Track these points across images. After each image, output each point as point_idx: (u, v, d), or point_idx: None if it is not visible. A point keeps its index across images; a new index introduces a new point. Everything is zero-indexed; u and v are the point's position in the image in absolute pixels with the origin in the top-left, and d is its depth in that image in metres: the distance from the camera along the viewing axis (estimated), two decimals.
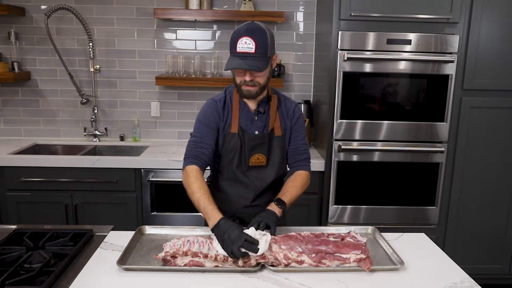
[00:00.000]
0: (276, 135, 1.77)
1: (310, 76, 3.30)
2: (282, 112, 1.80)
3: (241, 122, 1.74)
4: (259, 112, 1.75)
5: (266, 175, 1.78)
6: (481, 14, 2.65)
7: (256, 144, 1.74)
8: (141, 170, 2.76)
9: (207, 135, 1.71)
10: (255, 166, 1.76)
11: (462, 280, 1.39)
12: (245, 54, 1.58)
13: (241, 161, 1.75)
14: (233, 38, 1.61)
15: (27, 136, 3.27)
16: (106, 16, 3.14)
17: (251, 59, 1.58)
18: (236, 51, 1.59)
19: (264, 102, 1.76)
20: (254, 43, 1.57)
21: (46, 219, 2.71)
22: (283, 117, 1.80)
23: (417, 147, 2.76)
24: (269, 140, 1.76)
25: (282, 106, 1.80)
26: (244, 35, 1.58)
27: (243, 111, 1.75)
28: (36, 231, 1.63)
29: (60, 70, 3.15)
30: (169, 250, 1.40)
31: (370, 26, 2.64)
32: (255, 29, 1.59)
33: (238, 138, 1.72)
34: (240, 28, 1.61)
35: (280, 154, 1.78)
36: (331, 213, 2.82)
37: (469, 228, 2.94)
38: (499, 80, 2.75)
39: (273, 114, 1.76)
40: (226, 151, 1.74)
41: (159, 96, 3.28)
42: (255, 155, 1.74)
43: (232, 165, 1.75)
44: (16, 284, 1.26)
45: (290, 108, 1.81)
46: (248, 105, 1.76)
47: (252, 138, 1.73)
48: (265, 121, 1.76)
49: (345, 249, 1.43)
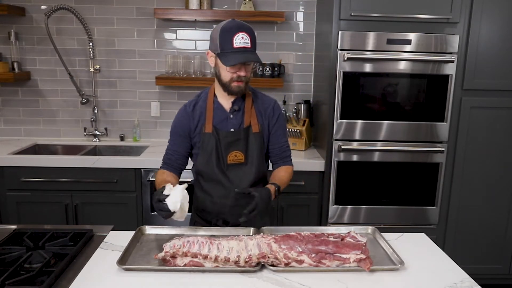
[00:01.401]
0: (253, 131, 1.77)
1: (310, 76, 3.30)
2: (259, 109, 1.80)
3: (215, 122, 1.76)
4: (234, 110, 1.76)
5: (246, 173, 1.78)
6: (481, 14, 2.65)
7: (231, 141, 1.75)
8: (141, 170, 2.76)
9: (175, 143, 1.83)
10: (234, 164, 1.76)
11: (462, 280, 1.39)
12: (243, 49, 1.61)
13: (219, 160, 1.76)
14: (225, 34, 1.61)
15: (27, 136, 3.28)
16: (106, 16, 3.14)
17: (250, 53, 1.62)
18: (234, 47, 1.60)
19: (239, 99, 1.77)
20: (249, 38, 1.62)
21: (46, 219, 2.71)
22: (260, 114, 1.80)
23: (417, 147, 2.76)
24: (245, 136, 1.76)
25: (258, 103, 1.81)
26: (238, 31, 1.61)
27: (217, 111, 1.77)
28: (36, 231, 1.63)
29: (60, 70, 3.15)
30: (169, 250, 1.40)
31: (370, 26, 2.64)
32: (244, 25, 1.64)
33: (212, 137, 1.74)
34: (230, 25, 1.62)
35: (259, 151, 1.78)
36: (331, 213, 2.82)
37: (469, 228, 2.94)
38: (499, 80, 2.75)
39: (249, 111, 1.77)
40: (204, 151, 1.77)
41: (159, 96, 3.28)
42: (232, 153, 1.75)
43: (211, 164, 1.76)
44: (16, 284, 1.26)
45: (268, 106, 1.82)
46: (222, 104, 1.78)
47: (227, 135, 1.75)
48: (240, 118, 1.77)
49: (345, 249, 1.43)
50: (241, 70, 1.65)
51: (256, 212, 1.60)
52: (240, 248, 1.41)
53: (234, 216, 1.78)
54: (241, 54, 1.61)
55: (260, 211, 1.61)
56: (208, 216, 1.85)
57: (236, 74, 1.65)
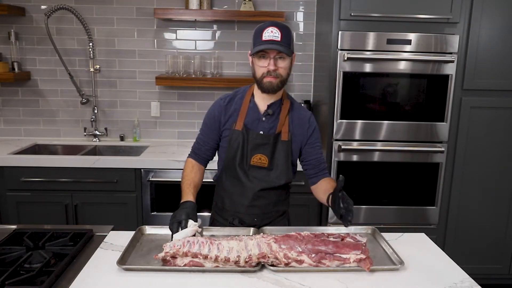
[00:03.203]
0: (282, 139, 1.76)
1: (310, 76, 3.30)
2: (294, 118, 1.79)
3: (247, 121, 1.76)
4: (268, 114, 1.75)
5: (267, 178, 1.77)
6: (481, 14, 2.65)
7: (258, 144, 1.74)
8: (141, 170, 2.76)
9: (206, 133, 1.83)
10: (256, 166, 1.76)
11: (462, 280, 1.39)
12: (271, 41, 1.62)
13: (243, 159, 1.76)
14: (257, 31, 1.66)
15: (27, 136, 3.27)
16: (106, 16, 3.14)
17: (278, 44, 1.62)
18: (262, 39, 1.63)
19: (275, 104, 1.77)
20: (279, 32, 1.63)
21: (46, 219, 2.71)
22: (294, 124, 1.79)
23: (417, 147, 2.76)
24: (274, 142, 1.75)
25: (294, 112, 1.80)
26: (269, 26, 1.64)
27: (251, 111, 1.77)
28: (36, 231, 1.63)
29: (60, 70, 3.15)
30: (169, 250, 1.40)
31: (370, 26, 2.64)
32: (278, 23, 1.67)
33: (241, 135, 1.74)
34: (264, 23, 1.67)
35: (284, 159, 1.77)
36: (331, 213, 2.82)
37: (469, 228, 2.94)
38: (499, 80, 2.75)
39: (283, 118, 1.76)
40: (230, 147, 1.77)
41: (159, 96, 3.28)
42: (256, 155, 1.75)
43: (234, 161, 1.76)
44: (16, 284, 1.26)
45: (305, 117, 1.81)
46: (258, 105, 1.77)
47: (255, 137, 1.74)
48: (273, 123, 1.76)
49: (345, 249, 1.43)
50: (271, 64, 1.64)
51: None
52: (240, 248, 1.41)
53: (250, 216, 1.79)
54: (266, 44, 1.62)
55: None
56: (225, 214, 1.85)
57: (266, 68, 1.65)
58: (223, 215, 1.87)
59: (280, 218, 1.89)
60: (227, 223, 1.83)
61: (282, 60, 1.66)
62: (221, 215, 1.88)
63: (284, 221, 1.91)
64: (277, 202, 1.84)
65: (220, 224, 1.84)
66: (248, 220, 1.80)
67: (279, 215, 1.88)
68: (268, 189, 1.78)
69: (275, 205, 1.83)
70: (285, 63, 1.66)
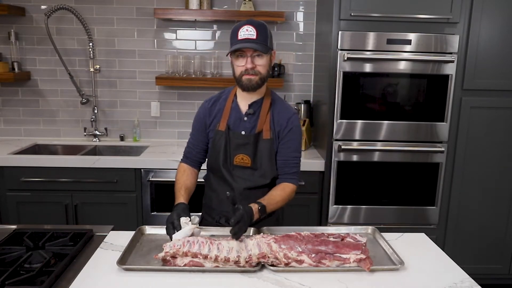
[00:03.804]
0: (264, 137, 1.76)
1: (310, 76, 3.30)
2: (275, 116, 1.78)
3: (230, 121, 1.78)
4: (249, 113, 1.76)
5: (252, 177, 1.78)
6: (481, 14, 2.65)
7: (240, 144, 1.76)
8: (141, 170, 2.76)
9: (195, 137, 1.87)
10: (240, 166, 1.78)
11: (462, 280, 1.39)
12: (246, 40, 1.63)
13: (226, 159, 1.78)
14: (233, 30, 1.68)
15: (27, 136, 3.27)
16: (106, 16, 3.14)
17: (253, 42, 1.64)
18: (238, 39, 1.64)
19: (257, 103, 1.78)
20: (255, 30, 1.64)
21: (46, 219, 2.71)
22: (275, 122, 1.78)
23: (417, 147, 2.76)
24: (254, 141, 1.75)
25: (276, 110, 1.79)
26: (245, 25, 1.65)
27: (234, 111, 1.79)
28: (36, 231, 1.63)
29: (60, 70, 3.15)
30: (169, 250, 1.40)
31: (370, 26, 2.64)
32: (254, 21, 1.68)
33: (224, 135, 1.76)
34: (240, 22, 1.68)
35: (268, 158, 1.77)
36: (331, 213, 2.82)
37: (469, 228, 2.94)
38: (499, 80, 2.75)
39: (263, 116, 1.77)
40: (213, 148, 1.80)
41: (159, 96, 3.28)
42: (239, 155, 1.76)
43: (218, 162, 1.78)
44: (16, 284, 1.26)
45: (285, 116, 1.79)
46: (240, 105, 1.79)
47: (237, 137, 1.76)
48: (254, 122, 1.77)
49: (345, 249, 1.43)
50: (248, 62, 1.65)
51: (241, 225, 1.51)
52: (240, 248, 1.41)
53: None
54: (242, 43, 1.63)
55: (242, 227, 1.52)
56: (213, 212, 1.86)
57: (244, 66, 1.66)
58: (211, 214, 1.88)
59: (269, 218, 1.85)
60: (214, 222, 1.82)
61: (259, 58, 1.67)
62: (210, 214, 1.89)
63: (273, 221, 1.86)
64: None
65: (209, 223, 1.84)
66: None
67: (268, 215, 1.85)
68: (254, 188, 1.78)
69: None
70: (263, 61, 1.68)
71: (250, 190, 1.78)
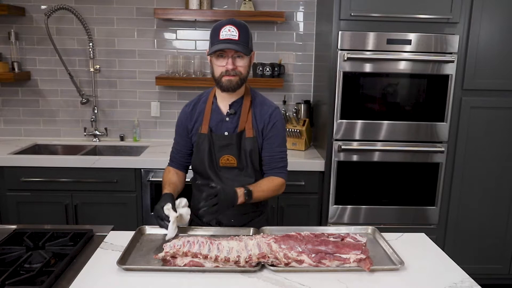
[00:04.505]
0: (247, 136, 1.75)
1: (310, 76, 3.30)
2: (256, 114, 1.78)
3: (212, 123, 1.77)
4: (230, 113, 1.76)
5: (239, 177, 1.77)
6: (481, 14, 2.65)
7: (224, 145, 1.75)
8: (141, 170, 2.76)
9: (178, 141, 1.88)
10: (227, 167, 1.77)
11: (462, 280, 1.39)
12: (228, 40, 1.62)
13: (212, 162, 1.77)
14: (214, 29, 1.66)
15: (27, 136, 3.27)
16: (106, 16, 3.14)
17: (235, 44, 1.62)
18: (219, 38, 1.63)
19: (237, 103, 1.77)
20: (237, 31, 1.63)
21: (46, 219, 2.71)
22: (257, 119, 1.77)
23: (417, 147, 2.76)
24: (238, 141, 1.75)
25: (257, 107, 1.79)
26: (227, 24, 1.64)
27: (215, 113, 1.78)
28: (36, 231, 1.63)
29: (60, 70, 3.15)
30: (169, 250, 1.40)
31: (370, 26, 2.64)
32: (235, 21, 1.66)
33: (207, 138, 1.76)
34: (221, 21, 1.67)
35: (252, 156, 1.76)
36: (331, 213, 2.82)
37: (469, 228, 2.94)
38: (499, 80, 2.75)
39: (244, 115, 1.76)
40: (198, 151, 1.79)
41: (159, 96, 3.28)
42: (224, 156, 1.76)
43: (204, 165, 1.78)
44: (16, 284, 1.26)
45: (266, 112, 1.78)
46: (220, 107, 1.78)
47: (220, 138, 1.75)
48: (236, 122, 1.76)
49: (345, 249, 1.43)
50: (229, 63, 1.64)
51: (217, 206, 1.55)
52: (240, 248, 1.41)
53: (227, 216, 1.79)
54: (224, 44, 1.62)
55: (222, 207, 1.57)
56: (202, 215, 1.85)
57: (224, 67, 1.65)
58: (199, 216, 1.86)
59: (258, 219, 1.87)
60: (204, 224, 1.83)
61: (240, 59, 1.66)
62: (197, 215, 1.86)
63: (263, 221, 1.87)
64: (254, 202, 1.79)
65: (197, 225, 1.82)
66: (225, 221, 1.80)
67: (257, 215, 1.87)
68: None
69: (251, 205, 1.79)
70: (244, 62, 1.67)
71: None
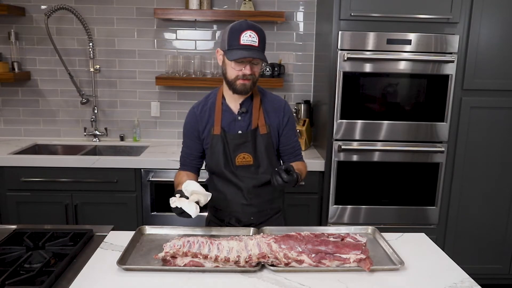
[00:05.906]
0: (261, 133, 1.76)
1: (310, 76, 3.30)
2: (268, 109, 1.79)
3: (224, 124, 1.77)
4: (242, 112, 1.76)
5: (256, 175, 1.78)
6: (481, 14, 2.65)
7: (239, 143, 1.75)
8: (141, 170, 2.76)
9: (188, 145, 1.85)
10: (243, 166, 1.77)
11: (462, 280, 1.39)
12: (250, 46, 1.61)
13: (228, 162, 1.77)
14: (234, 31, 1.63)
15: (27, 136, 3.28)
16: (106, 16, 3.14)
17: (256, 51, 1.62)
18: (240, 43, 1.61)
19: (247, 101, 1.77)
20: (257, 37, 1.63)
21: (46, 219, 2.71)
22: (269, 115, 1.79)
23: (417, 147, 2.76)
24: (253, 138, 1.76)
25: (267, 103, 1.80)
26: (247, 29, 1.62)
27: (226, 113, 1.78)
28: (36, 231, 1.63)
29: (60, 70, 3.15)
30: (169, 250, 1.40)
31: (370, 26, 2.64)
32: (255, 26, 1.65)
33: (220, 138, 1.75)
34: (240, 23, 1.64)
35: (267, 152, 1.78)
36: (331, 213, 2.82)
37: (469, 228, 2.94)
38: (499, 80, 2.75)
39: (256, 112, 1.77)
40: (212, 153, 1.78)
41: (159, 96, 3.28)
42: (240, 155, 1.76)
43: (220, 166, 1.77)
44: (16, 284, 1.26)
45: (279, 106, 1.81)
46: (230, 106, 1.78)
47: (234, 138, 1.75)
48: (248, 119, 1.77)
49: (345, 249, 1.43)
50: (247, 68, 1.64)
51: (287, 185, 1.60)
52: (240, 248, 1.41)
53: (247, 215, 1.80)
54: (245, 51, 1.61)
55: (290, 185, 1.61)
56: (221, 214, 1.86)
57: (242, 71, 1.64)
58: (218, 216, 1.87)
59: (276, 216, 1.90)
60: (223, 223, 1.83)
61: (255, 64, 1.67)
62: (216, 215, 1.89)
63: (280, 219, 1.91)
64: (272, 200, 1.86)
65: (216, 225, 1.84)
66: (244, 219, 1.81)
67: (274, 212, 1.89)
68: (261, 186, 1.78)
69: (270, 202, 1.85)
70: (259, 67, 1.70)
71: (258, 188, 1.78)
